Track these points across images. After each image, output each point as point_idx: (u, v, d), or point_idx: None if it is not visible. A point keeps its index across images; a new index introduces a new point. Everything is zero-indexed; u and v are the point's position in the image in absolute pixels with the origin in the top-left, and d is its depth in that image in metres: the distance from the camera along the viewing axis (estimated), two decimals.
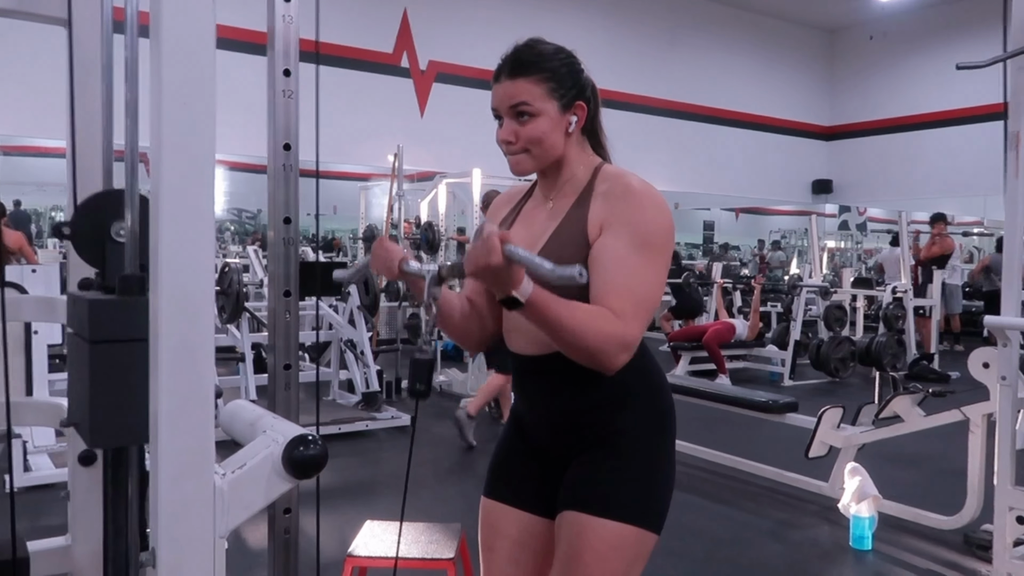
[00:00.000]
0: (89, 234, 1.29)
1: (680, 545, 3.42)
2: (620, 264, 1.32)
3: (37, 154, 12.93)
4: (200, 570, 0.99)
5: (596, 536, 1.37)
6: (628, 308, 1.30)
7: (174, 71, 1.02)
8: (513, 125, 1.40)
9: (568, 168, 1.45)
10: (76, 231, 1.30)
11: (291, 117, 1.65)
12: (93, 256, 1.30)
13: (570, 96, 1.41)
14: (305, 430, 1.11)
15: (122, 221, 1.23)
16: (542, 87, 1.38)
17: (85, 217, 1.31)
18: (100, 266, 1.29)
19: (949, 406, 3.54)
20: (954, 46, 12.86)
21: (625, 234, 1.34)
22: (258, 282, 6.96)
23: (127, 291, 1.15)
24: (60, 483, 3.82)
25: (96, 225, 1.29)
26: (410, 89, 11.28)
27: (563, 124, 1.41)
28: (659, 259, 1.35)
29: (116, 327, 1.11)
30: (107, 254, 1.28)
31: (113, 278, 1.23)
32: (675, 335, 8.00)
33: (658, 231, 1.35)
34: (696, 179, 14.46)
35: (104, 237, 1.28)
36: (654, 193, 1.38)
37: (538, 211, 1.49)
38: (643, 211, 1.35)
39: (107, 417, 1.08)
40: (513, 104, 1.39)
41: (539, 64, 1.39)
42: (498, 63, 1.42)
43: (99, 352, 1.09)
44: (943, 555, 3.36)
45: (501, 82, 1.41)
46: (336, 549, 2.75)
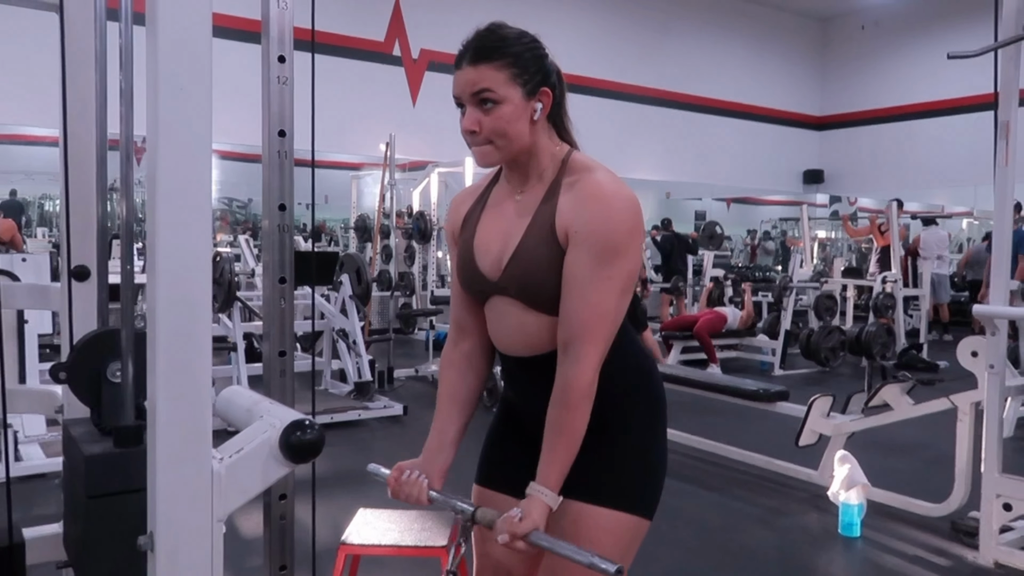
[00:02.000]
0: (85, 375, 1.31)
1: (671, 531, 3.44)
2: (587, 285, 1.32)
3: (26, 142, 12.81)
4: (198, 553, 1.00)
5: (590, 524, 1.39)
6: (588, 340, 1.32)
7: (170, 59, 1.02)
8: (476, 113, 1.35)
9: (536, 160, 1.41)
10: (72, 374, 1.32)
11: (286, 104, 1.64)
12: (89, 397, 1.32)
13: (535, 82, 1.36)
14: (302, 415, 1.12)
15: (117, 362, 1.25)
16: (505, 73, 1.33)
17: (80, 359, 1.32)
18: (96, 407, 1.31)
19: (938, 395, 3.57)
20: (945, 36, 12.90)
21: (590, 247, 1.32)
22: (249, 271, 6.95)
23: (124, 443, 1.17)
24: (52, 472, 3.84)
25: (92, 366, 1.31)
26: (402, 78, 11.24)
27: (528, 111, 1.36)
28: (625, 264, 1.34)
29: (113, 481, 1.14)
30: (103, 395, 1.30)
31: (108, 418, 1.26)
32: (667, 325, 8.03)
33: (623, 235, 1.33)
34: (687, 168, 14.47)
35: (100, 378, 1.30)
36: (619, 190, 1.35)
37: (507, 203, 1.45)
38: (608, 217, 1.32)
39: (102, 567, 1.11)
40: (476, 91, 1.34)
41: (501, 49, 1.34)
42: (459, 48, 1.38)
43: (96, 506, 1.12)
44: (930, 542, 3.40)
45: (463, 68, 1.37)
46: (330, 537, 2.76)
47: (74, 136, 1.79)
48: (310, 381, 1.95)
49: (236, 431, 1.15)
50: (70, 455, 1.27)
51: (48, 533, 1.61)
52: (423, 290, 8.88)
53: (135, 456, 1.11)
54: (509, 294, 1.41)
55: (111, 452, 1.17)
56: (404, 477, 1.45)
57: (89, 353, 1.32)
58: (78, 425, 1.32)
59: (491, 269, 1.43)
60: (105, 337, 1.34)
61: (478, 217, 1.49)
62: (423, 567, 2.79)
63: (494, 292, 1.44)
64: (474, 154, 1.41)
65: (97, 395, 1.30)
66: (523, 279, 1.38)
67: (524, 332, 1.42)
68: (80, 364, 1.32)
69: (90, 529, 1.10)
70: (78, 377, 1.32)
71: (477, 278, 1.46)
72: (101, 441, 1.23)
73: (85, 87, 1.79)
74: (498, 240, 1.43)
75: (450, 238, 1.56)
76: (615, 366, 1.41)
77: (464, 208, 1.53)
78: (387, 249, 9.08)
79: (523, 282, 1.38)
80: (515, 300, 1.41)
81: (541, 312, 1.39)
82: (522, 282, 1.38)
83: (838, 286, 9.01)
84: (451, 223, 1.56)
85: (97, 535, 1.11)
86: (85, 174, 1.79)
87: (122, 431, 1.18)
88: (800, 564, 3.24)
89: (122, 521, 1.10)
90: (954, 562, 3.20)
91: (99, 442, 1.23)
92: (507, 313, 1.43)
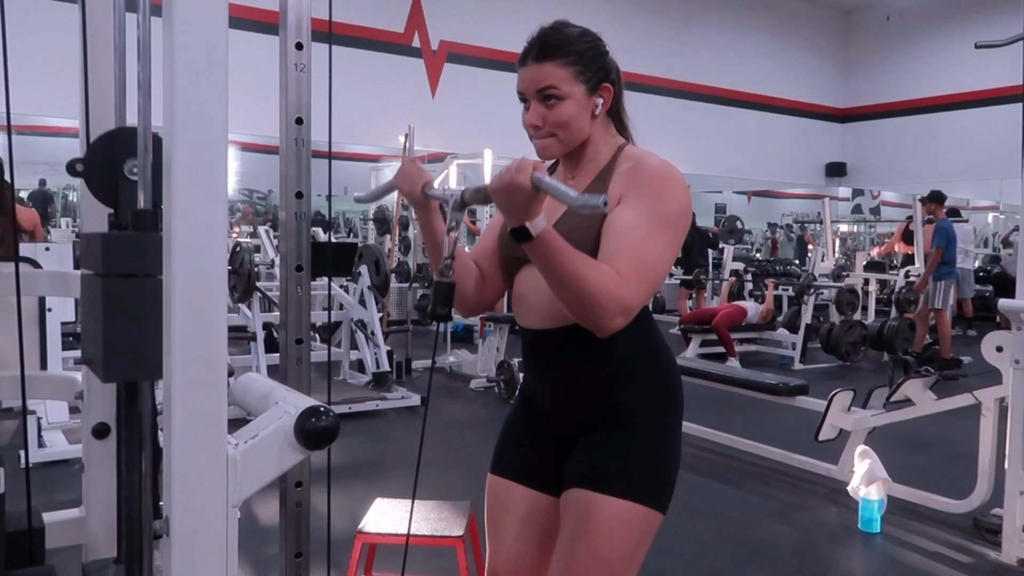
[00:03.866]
0: (102, 172, 1.28)
1: (689, 525, 3.43)
2: (631, 231, 1.31)
3: (51, 134, 12.96)
4: (213, 538, 1.01)
5: (603, 514, 1.38)
6: (632, 272, 1.28)
7: (187, 49, 1.02)
8: (540, 109, 1.40)
9: (592, 148, 1.46)
10: (89, 169, 1.29)
11: (303, 91, 1.64)
12: (106, 194, 1.28)
13: (596, 79, 1.42)
14: (317, 402, 1.12)
15: (135, 159, 1.21)
16: (569, 70, 1.39)
17: (98, 155, 1.29)
18: (113, 204, 1.28)
19: (961, 390, 3.53)
20: (972, 27, 12.67)
21: (641, 206, 1.34)
22: (269, 262, 6.99)
23: (140, 226, 1.14)
24: (74, 459, 3.89)
25: (109, 163, 1.27)
26: (421, 69, 11.22)
27: (589, 107, 1.42)
28: (671, 235, 1.34)
29: (129, 262, 1.10)
30: (120, 192, 1.27)
31: (126, 216, 1.22)
32: (686, 318, 8.00)
33: (675, 210, 1.35)
34: (708, 161, 14.36)
35: (117, 175, 1.27)
36: (675, 173, 1.38)
37: None
38: (662, 189, 1.35)
39: (120, 351, 1.07)
40: (540, 88, 1.39)
41: (565, 47, 1.39)
42: (524, 46, 1.42)
43: (112, 286, 1.08)
44: (952, 539, 3.36)
45: (527, 65, 1.41)
46: (346, 526, 2.77)
47: (94, 127, 1.80)
48: (327, 371, 1.96)
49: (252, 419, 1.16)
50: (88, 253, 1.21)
51: (68, 518, 1.63)
52: None
53: (151, 239, 1.08)
54: None
55: (127, 234, 1.15)
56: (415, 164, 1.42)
57: (106, 149, 1.29)
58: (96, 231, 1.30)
59: None
60: (122, 134, 1.31)
61: None
62: (439, 556, 2.80)
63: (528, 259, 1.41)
64: (536, 147, 1.45)
65: (115, 192, 1.28)
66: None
67: (548, 301, 1.40)
68: (97, 159, 1.29)
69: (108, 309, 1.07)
70: (95, 172, 1.29)
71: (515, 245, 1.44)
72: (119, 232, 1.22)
73: (104, 78, 1.79)
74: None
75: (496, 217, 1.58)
76: (633, 353, 1.41)
77: None
78: (406, 240, 9.10)
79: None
80: None
81: None
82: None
83: (860, 280, 8.92)
84: None
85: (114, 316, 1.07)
86: None
87: (138, 215, 1.15)
88: (819, 559, 3.22)
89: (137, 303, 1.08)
90: (976, 559, 3.16)
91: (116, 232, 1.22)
92: (536, 282, 1.40)
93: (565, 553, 1.40)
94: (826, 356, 7.78)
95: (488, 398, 5.94)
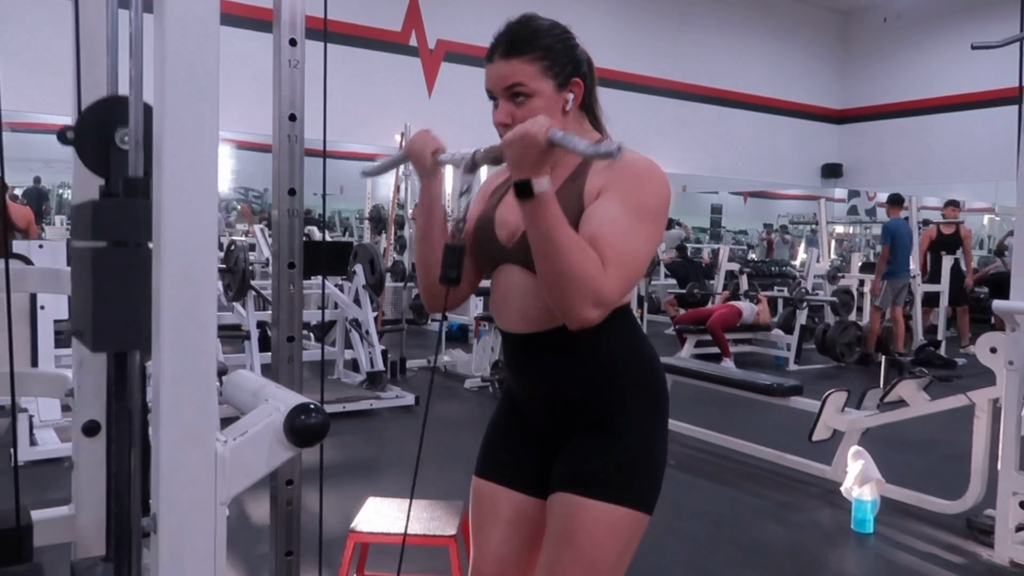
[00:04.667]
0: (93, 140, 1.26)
1: (683, 525, 3.43)
2: (612, 221, 1.29)
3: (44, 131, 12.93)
4: (201, 536, 1.00)
5: (589, 517, 1.36)
6: (611, 259, 1.26)
7: (177, 46, 1.02)
8: (509, 107, 1.37)
9: None
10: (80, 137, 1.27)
11: (297, 87, 1.64)
12: (97, 163, 1.27)
13: (566, 73, 1.38)
14: (307, 399, 1.11)
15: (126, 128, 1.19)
16: (537, 66, 1.35)
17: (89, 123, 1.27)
18: (104, 173, 1.26)
19: (955, 391, 3.54)
20: (969, 28, 12.69)
21: (620, 198, 1.31)
22: (264, 260, 6.97)
23: (131, 193, 1.12)
24: (66, 457, 3.87)
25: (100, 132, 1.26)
26: (418, 68, 11.21)
27: (560, 103, 1.38)
28: (651, 227, 1.32)
29: (119, 229, 1.09)
30: (111, 161, 1.25)
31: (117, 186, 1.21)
32: (680, 318, 8.00)
33: (654, 202, 1.32)
34: (704, 162, 14.37)
35: (108, 144, 1.25)
36: (655, 167, 1.36)
37: None
38: (641, 182, 1.33)
39: (110, 321, 1.06)
40: (508, 85, 1.36)
41: (533, 42, 1.35)
42: (491, 41, 1.38)
43: (102, 254, 1.07)
44: (945, 539, 3.36)
45: (495, 62, 1.38)
46: (338, 525, 2.77)
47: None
48: (320, 370, 1.95)
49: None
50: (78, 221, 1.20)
51: (57, 516, 1.62)
52: None
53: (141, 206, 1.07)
54: (517, 260, 1.40)
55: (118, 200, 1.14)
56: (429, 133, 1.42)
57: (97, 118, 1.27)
58: None
59: (507, 238, 1.43)
60: (112, 102, 1.29)
61: (504, 192, 1.49)
62: (432, 556, 2.80)
63: (505, 259, 1.43)
64: None
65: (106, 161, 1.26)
66: None
67: (528, 303, 1.40)
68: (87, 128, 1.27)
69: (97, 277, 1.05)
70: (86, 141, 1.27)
71: (492, 244, 1.45)
72: None
73: (97, 74, 1.78)
74: (517, 213, 1.42)
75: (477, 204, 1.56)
76: (617, 354, 1.40)
77: (497, 181, 1.56)
78: (401, 239, 9.09)
79: None
80: (525, 269, 1.39)
81: None
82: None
83: (855, 281, 8.93)
84: (480, 193, 1.57)
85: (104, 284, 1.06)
86: None
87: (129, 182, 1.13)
88: (812, 560, 3.22)
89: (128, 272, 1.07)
90: (969, 560, 3.17)
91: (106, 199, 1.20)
92: (514, 283, 1.42)
93: (551, 557, 1.39)
94: (820, 357, 7.79)
95: (482, 398, 5.93)
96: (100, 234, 1.08)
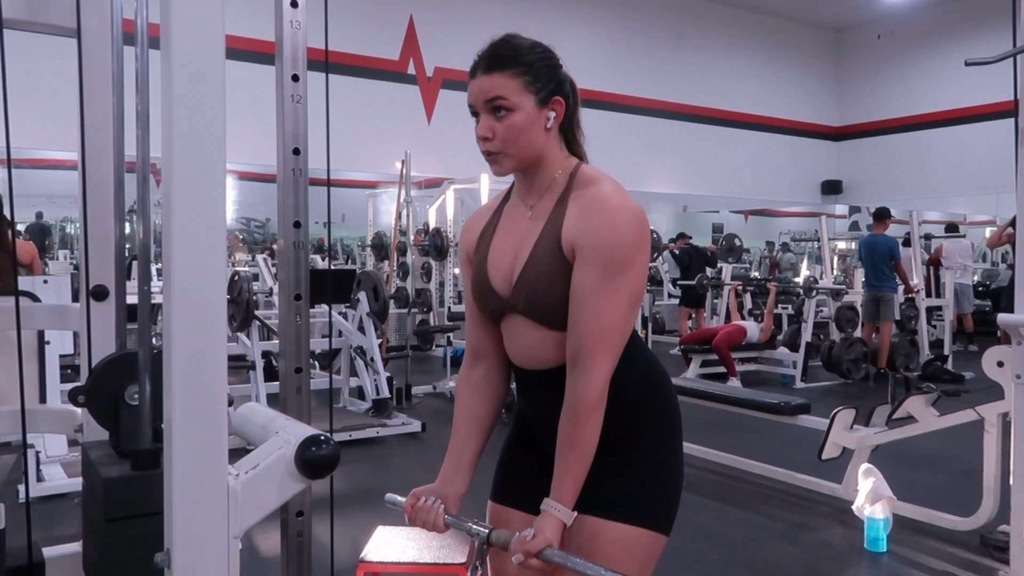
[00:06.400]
0: (103, 399, 1.33)
1: (693, 548, 3.40)
2: (593, 298, 1.32)
3: (47, 166, 13.03)
4: (214, 570, 1.00)
5: (608, 539, 1.37)
6: (597, 350, 1.32)
7: (184, 81, 1.03)
8: (489, 121, 1.37)
9: (546, 170, 1.42)
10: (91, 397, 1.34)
11: (300, 122, 1.65)
12: (108, 420, 1.33)
13: (547, 91, 1.38)
14: (317, 431, 1.11)
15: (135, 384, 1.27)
16: (518, 81, 1.35)
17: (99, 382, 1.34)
18: (114, 430, 1.33)
19: (963, 406, 3.52)
20: (963, 43, 12.79)
21: (596, 260, 1.32)
22: (267, 290, 6.99)
23: (141, 466, 1.18)
24: (73, 492, 3.86)
25: (110, 389, 1.32)
26: (417, 96, 11.31)
27: (541, 120, 1.37)
28: (632, 277, 1.33)
29: (131, 504, 1.15)
30: (120, 417, 1.31)
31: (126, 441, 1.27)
32: (686, 338, 7.98)
33: (628, 248, 1.32)
34: (704, 181, 14.43)
35: (118, 401, 1.32)
36: (625, 203, 1.35)
37: (519, 220, 1.46)
38: (612, 231, 1.32)
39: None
40: (489, 99, 1.36)
41: (515, 58, 1.36)
42: (474, 59, 1.40)
43: (115, 529, 1.12)
44: (960, 556, 3.33)
45: (477, 77, 1.39)
46: (348, 555, 2.75)
47: (92, 159, 1.81)
48: (328, 398, 1.95)
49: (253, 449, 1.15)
50: (89, 478, 1.28)
51: (68, 552, 1.61)
52: (440, 307, 8.90)
53: (153, 479, 1.11)
54: (519, 311, 1.42)
55: (129, 475, 1.18)
56: (420, 503, 1.45)
57: (107, 376, 1.34)
58: (97, 448, 1.33)
59: (502, 285, 1.44)
60: (123, 360, 1.36)
61: (491, 235, 1.49)
62: None
63: (506, 310, 1.45)
64: (489, 162, 1.41)
65: (115, 418, 1.32)
66: (532, 296, 1.39)
67: (533, 348, 1.42)
68: (98, 387, 1.33)
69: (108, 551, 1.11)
70: (97, 400, 1.33)
71: (490, 296, 1.46)
72: (119, 464, 1.25)
73: (102, 111, 1.81)
74: (509, 256, 1.44)
75: (463, 259, 1.57)
76: (627, 378, 1.40)
77: (478, 228, 1.54)
78: (404, 266, 9.11)
79: (532, 299, 1.39)
80: (526, 318, 1.41)
81: (548, 328, 1.39)
82: (531, 299, 1.39)
83: (858, 297, 8.91)
84: (465, 243, 1.56)
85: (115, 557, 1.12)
86: (103, 196, 1.80)
87: (140, 454, 1.19)
88: None
89: (140, 544, 1.10)
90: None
91: (117, 465, 1.24)
92: (519, 331, 1.44)
93: None
94: (827, 374, 7.76)
95: None
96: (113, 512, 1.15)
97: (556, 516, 1.31)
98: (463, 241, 1.57)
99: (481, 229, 1.53)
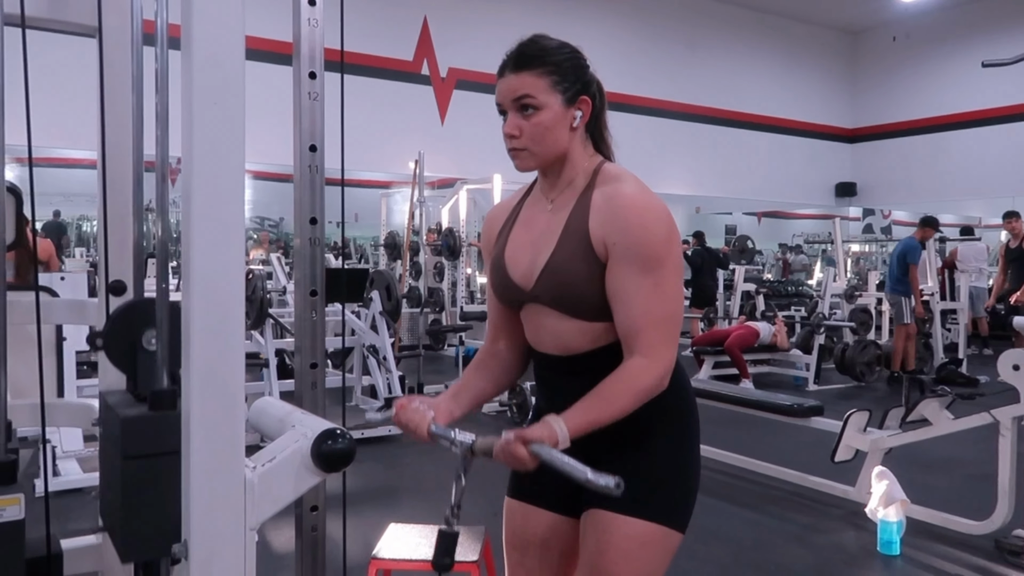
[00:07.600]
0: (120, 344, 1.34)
1: (705, 549, 3.40)
2: (636, 295, 1.34)
3: (66, 165, 13.16)
4: (231, 561, 1.01)
5: (623, 534, 1.38)
6: (656, 341, 1.33)
7: (205, 81, 1.05)
8: (517, 119, 1.39)
9: (570, 167, 1.44)
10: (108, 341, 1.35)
11: (317, 119, 1.67)
12: (124, 365, 1.34)
13: (574, 90, 1.40)
14: (334, 424, 1.13)
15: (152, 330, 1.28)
16: (546, 80, 1.37)
17: (117, 327, 1.35)
18: (131, 374, 1.34)
19: (978, 409, 3.49)
20: (979, 46, 12.70)
21: (632, 258, 1.34)
22: (281, 289, 7.02)
23: (159, 406, 1.18)
24: (89, 487, 3.89)
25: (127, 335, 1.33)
26: (430, 96, 11.34)
27: (567, 119, 1.40)
28: (670, 271, 1.35)
29: (149, 442, 1.15)
30: (138, 363, 1.32)
31: (143, 385, 1.28)
32: (698, 340, 7.96)
33: (660, 244, 1.34)
34: (718, 183, 14.39)
35: (135, 346, 1.33)
36: (650, 201, 1.37)
37: (538, 212, 1.48)
38: (642, 228, 1.34)
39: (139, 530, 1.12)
40: (516, 97, 1.38)
41: (543, 58, 1.38)
42: (502, 59, 1.42)
43: (132, 467, 1.13)
44: (973, 561, 3.31)
45: (505, 76, 1.41)
46: (360, 552, 2.76)
47: (112, 158, 1.83)
48: (341, 396, 1.97)
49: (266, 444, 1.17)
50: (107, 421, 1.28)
51: (85, 544, 1.63)
52: (452, 306, 8.91)
53: (170, 419, 1.13)
54: (543, 302, 1.44)
55: (147, 414, 1.19)
56: (411, 405, 1.44)
57: (124, 321, 1.34)
58: (115, 394, 1.34)
59: (523, 279, 1.46)
60: (140, 306, 1.37)
61: (509, 230, 1.52)
62: None
63: (527, 300, 1.47)
64: (512, 158, 1.44)
65: (133, 362, 1.32)
66: (559, 290, 1.40)
67: (560, 336, 1.44)
68: (116, 332, 1.34)
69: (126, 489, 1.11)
70: (114, 345, 1.34)
71: (510, 288, 1.48)
72: (137, 406, 1.25)
73: (122, 110, 1.83)
74: (528, 251, 1.46)
75: (486, 252, 1.61)
76: None
77: (498, 223, 1.57)
78: (416, 266, 9.13)
79: (559, 293, 1.40)
80: (551, 308, 1.43)
81: (580, 319, 1.41)
82: (558, 293, 1.40)
83: (872, 300, 8.87)
84: (486, 237, 1.61)
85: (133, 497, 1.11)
86: (122, 194, 1.82)
87: (157, 395, 1.19)
88: None
89: (157, 483, 1.12)
90: None
91: (135, 407, 1.25)
92: (542, 319, 1.46)
93: (586, 574, 1.41)
94: (840, 376, 7.72)
95: (500, 422, 5.92)
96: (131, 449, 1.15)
97: (554, 426, 1.29)
98: (484, 236, 1.63)
99: (500, 225, 1.56)
